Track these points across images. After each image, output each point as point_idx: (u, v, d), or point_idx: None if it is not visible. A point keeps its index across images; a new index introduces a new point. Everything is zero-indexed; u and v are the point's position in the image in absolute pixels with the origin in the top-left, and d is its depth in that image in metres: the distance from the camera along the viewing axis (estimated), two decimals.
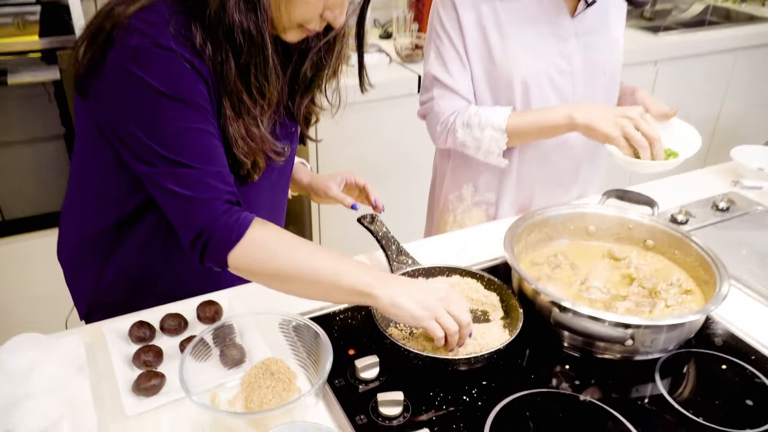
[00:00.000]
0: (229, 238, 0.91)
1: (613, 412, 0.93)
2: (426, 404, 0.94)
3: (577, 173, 1.51)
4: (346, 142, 2.30)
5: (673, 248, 1.22)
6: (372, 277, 0.93)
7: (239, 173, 1.06)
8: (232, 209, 0.93)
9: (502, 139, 1.34)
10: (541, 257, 1.24)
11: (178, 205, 0.93)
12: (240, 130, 1.00)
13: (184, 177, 0.92)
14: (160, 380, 0.93)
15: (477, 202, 1.52)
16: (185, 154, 0.92)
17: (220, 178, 0.94)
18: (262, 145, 1.04)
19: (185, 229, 0.93)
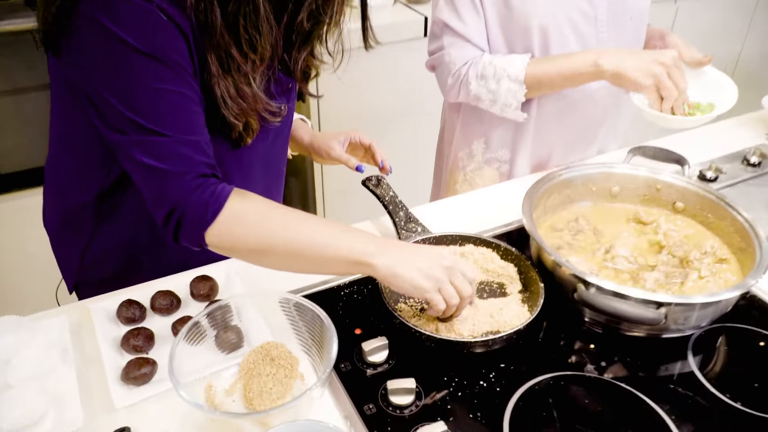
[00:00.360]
0: (203, 214, 0.82)
1: (644, 397, 0.86)
2: (439, 391, 0.86)
3: (598, 128, 1.40)
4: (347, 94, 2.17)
5: (705, 211, 1.12)
6: (370, 244, 0.85)
7: (230, 136, 0.96)
8: (207, 182, 0.84)
9: (520, 90, 1.23)
10: (561, 222, 1.15)
11: (148, 178, 0.83)
12: (229, 88, 0.89)
13: (155, 146, 0.82)
14: (151, 368, 0.86)
15: (488, 160, 1.42)
16: (158, 120, 0.82)
17: (196, 147, 0.84)
18: (255, 105, 0.93)
19: (156, 205, 0.84)
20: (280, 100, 1.00)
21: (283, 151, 1.17)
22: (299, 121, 1.33)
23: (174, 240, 0.86)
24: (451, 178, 1.50)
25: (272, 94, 0.99)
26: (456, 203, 1.30)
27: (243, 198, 0.86)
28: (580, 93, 1.31)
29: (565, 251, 1.06)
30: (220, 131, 0.95)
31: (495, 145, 1.39)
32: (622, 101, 1.38)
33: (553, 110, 1.32)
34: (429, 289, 0.84)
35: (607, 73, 1.16)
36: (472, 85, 1.25)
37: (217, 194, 0.83)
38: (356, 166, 1.24)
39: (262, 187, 1.13)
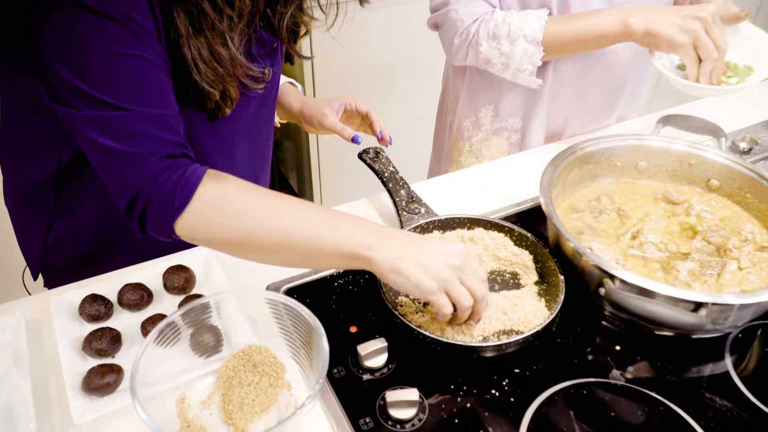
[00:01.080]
0: (171, 202, 0.70)
1: (678, 410, 0.76)
2: (446, 402, 0.76)
3: (619, 93, 1.26)
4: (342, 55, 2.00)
5: (744, 191, 1.00)
6: (368, 235, 0.72)
7: (206, 107, 0.83)
8: (175, 164, 0.71)
9: (537, 53, 1.08)
10: (581, 201, 1.03)
11: (106, 161, 0.71)
12: (201, 50, 0.76)
13: (112, 123, 0.69)
14: (116, 376, 0.75)
15: (498, 130, 1.28)
16: (113, 90, 0.69)
17: (161, 123, 0.72)
18: (233, 70, 0.80)
19: (117, 192, 0.72)
20: (263, 64, 0.87)
21: (269, 122, 1.04)
22: (287, 85, 1.19)
23: (140, 231, 0.74)
24: (454, 149, 1.37)
25: (253, 56, 0.85)
26: (462, 179, 1.18)
27: (218, 181, 0.73)
28: (601, 54, 1.17)
29: (587, 237, 0.94)
30: (194, 101, 0.82)
31: (505, 112, 1.25)
32: (647, 63, 1.24)
33: (570, 74, 1.18)
34: (433, 289, 0.72)
35: (637, 33, 1.02)
36: (482, 47, 1.11)
37: (187, 178, 0.71)
38: (352, 137, 1.10)
39: (245, 163, 1.01)
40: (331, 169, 2.27)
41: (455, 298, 0.74)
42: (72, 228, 0.96)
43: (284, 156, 2.59)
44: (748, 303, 0.76)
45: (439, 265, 0.73)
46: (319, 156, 2.22)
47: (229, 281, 0.89)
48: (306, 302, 0.86)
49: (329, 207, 0.80)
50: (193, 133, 0.88)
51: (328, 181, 2.30)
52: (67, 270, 0.99)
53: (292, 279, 0.92)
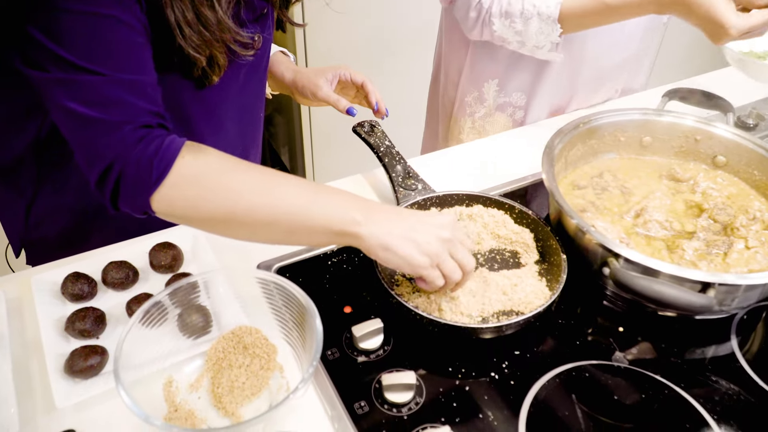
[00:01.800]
0: (147, 175, 0.66)
1: (684, 393, 0.73)
2: (443, 385, 0.73)
3: (625, 65, 1.21)
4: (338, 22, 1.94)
5: (751, 167, 0.96)
6: (356, 211, 0.69)
7: (192, 74, 0.79)
8: (151, 134, 0.67)
9: (553, 31, 1.03)
10: (584, 178, 0.99)
11: (76, 128, 0.67)
12: (186, 13, 0.71)
13: (83, 88, 0.65)
14: (99, 358, 0.72)
15: (501, 105, 1.23)
16: (85, 53, 0.64)
17: (137, 90, 0.67)
18: (221, 34, 0.76)
19: (88, 163, 0.67)
20: (252, 29, 0.82)
21: (260, 92, 1.00)
22: (279, 54, 1.15)
23: (113, 206, 0.70)
24: (454, 126, 1.32)
25: (242, 20, 0.81)
26: (460, 154, 1.14)
27: (198, 153, 0.69)
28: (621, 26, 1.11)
29: (590, 214, 0.91)
30: (179, 68, 0.77)
31: (510, 87, 1.21)
32: (653, 34, 1.20)
33: (583, 47, 1.13)
34: (425, 265, 0.70)
35: (676, 3, 0.92)
36: (495, 25, 1.06)
37: (164, 149, 0.67)
38: (347, 109, 1.06)
39: (235, 136, 0.97)
40: (324, 145, 2.23)
41: (446, 272, 0.72)
42: (54, 203, 0.92)
43: (276, 131, 2.54)
44: (757, 284, 0.74)
45: (430, 239, 0.71)
46: (311, 131, 2.17)
47: (218, 260, 0.86)
48: (298, 281, 0.83)
49: (322, 183, 0.76)
50: (179, 101, 0.84)
51: (321, 156, 2.26)
52: (51, 247, 0.96)
53: (283, 257, 0.88)
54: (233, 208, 0.68)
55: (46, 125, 0.82)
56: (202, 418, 0.68)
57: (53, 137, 0.84)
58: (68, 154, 0.87)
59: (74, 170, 0.89)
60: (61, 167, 0.89)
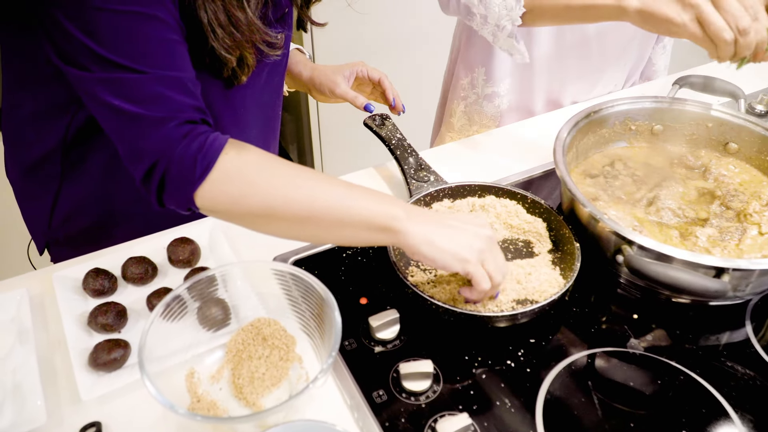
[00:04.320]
0: (191, 171, 0.66)
1: (699, 379, 0.74)
2: (460, 374, 0.74)
3: (625, 52, 1.21)
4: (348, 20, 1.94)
5: (763, 154, 0.96)
6: (396, 207, 0.70)
7: (221, 74, 0.80)
8: (196, 130, 0.68)
9: (516, 7, 0.96)
10: (595, 167, 1.00)
11: (121, 126, 0.68)
12: (218, 14, 0.72)
13: (126, 85, 0.66)
14: (123, 351, 0.73)
15: (488, 95, 1.23)
16: (127, 51, 0.65)
17: (180, 86, 0.68)
18: (251, 35, 0.77)
19: (133, 160, 0.68)
20: (278, 29, 0.83)
21: (279, 90, 1.01)
22: (295, 52, 1.16)
23: (158, 203, 0.71)
24: (448, 109, 1.32)
25: (269, 20, 0.82)
26: (471, 146, 1.14)
27: (240, 150, 0.70)
28: None
29: (602, 203, 0.91)
30: (209, 68, 0.79)
31: (496, 76, 1.20)
32: None
33: (570, 42, 1.13)
34: (473, 261, 0.70)
35: (630, 9, 0.86)
36: None
37: (208, 146, 0.68)
38: (365, 105, 1.07)
39: (257, 132, 0.98)
40: (332, 141, 2.24)
41: (490, 271, 0.72)
42: (78, 200, 0.94)
43: (284, 129, 2.55)
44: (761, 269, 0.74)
45: (477, 232, 0.71)
46: (320, 128, 2.18)
47: (235, 253, 0.87)
48: (314, 274, 0.84)
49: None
50: (207, 101, 0.85)
51: (330, 153, 2.27)
52: (74, 245, 0.97)
53: (299, 251, 0.89)
54: (273, 203, 0.69)
55: (74, 123, 0.83)
56: (224, 408, 0.69)
57: (80, 136, 0.86)
58: (91, 154, 0.88)
59: (97, 167, 0.90)
60: (85, 164, 0.90)
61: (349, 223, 0.69)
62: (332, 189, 0.69)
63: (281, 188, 0.68)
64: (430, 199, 0.93)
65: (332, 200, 0.69)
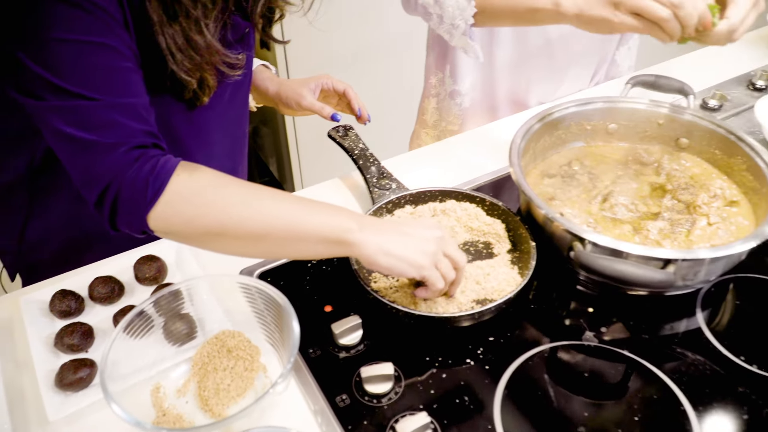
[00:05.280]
0: (143, 193, 0.68)
1: (649, 365, 0.76)
2: (422, 374, 0.76)
3: (588, 53, 1.24)
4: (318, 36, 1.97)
5: (712, 147, 1.00)
6: (348, 220, 0.71)
7: (183, 96, 0.82)
8: (146, 155, 0.70)
9: (468, 8, 0.99)
10: (553, 167, 1.02)
11: (74, 152, 0.69)
12: (176, 38, 0.74)
13: (79, 112, 0.67)
14: (89, 370, 0.75)
15: (452, 93, 1.25)
16: (79, 79, 0.67)
17: (131, 112, 0.70)
18: (210, 57, 0.79)
19: (86, 185, 0.70)
20: (238, 49, 0.85)
21: (244, 108, 1.03)
22: (261, 68, 1.18)
23: (111, 226, 0.72)
24: (422, 105, 1.35)
25: (228, 41, 0.84)
26: (434, 152, 1.17)
27: (192, 172, 0.71)
28: None
29: (558, 202, 0.94)
30: (171, 90, 0.81)
31: (459, 74, 1.22)
32: None
33: (533, 43, 1.16)
34: (428, 264, 0.72)
35: (568, 14, 0.88)
36: None
37: (159, 169, 0.69)
38: (331, 115, 1.10)
39: (223, 152, 1.00)
40: (310, 152, 2.26)
41: (443, 271, 0.74)
42: (48, 226, 0.95)
43: (263, 142, 2.57)
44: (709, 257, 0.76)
45: (427, 237, 0.73)
46: (297, 140, 2.20)
47: (202, 269, 0.89)
48: (280, 285, 0.86)
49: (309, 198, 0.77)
50: (169, 122, 0.87)
51: (308, 164, 2.29)
52: (45, 268, 0.98)
53: (265, 263, 0.91)
54: (226, 222, 0.70)
55: (39, 151, 0.84)
56: (191, 421, 0.71)
57: (46, 164, 0.87)
58: (59, 180, 0.90)
59: (65, 196, 0.92)
60: (53, 193, 0.92)
61: (302, 238, 0.70)
62: (285, 206, 0.71)
63: (234, 207, 0.70)
64: (392, 206, 0.95)
65: (285, 217, 0.70)
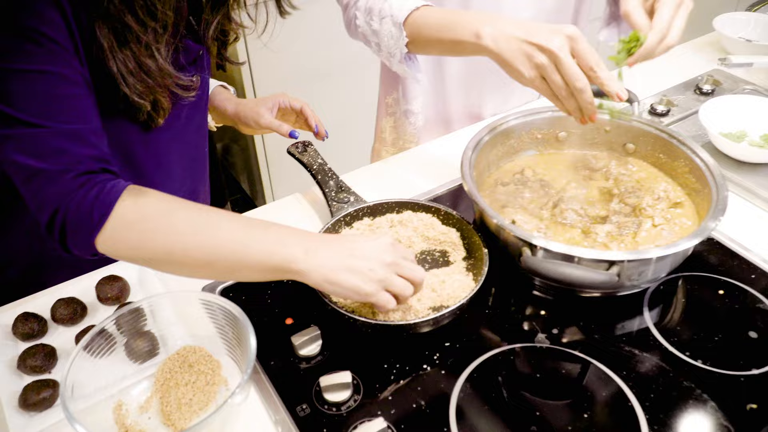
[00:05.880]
0: (89, 218, 0.70)
1: (597, 363, 0.80)
2: (380, 381, 0.79)
3: None
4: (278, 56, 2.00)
5: (657, 151, 1.04)
6: (295, 246, 0.72)
7: (138, 118, 0.84)
8: (92, 180, 0.72)
9: (401, 38, 0.99)
10: (507, 175, 1.06)
11: (25, 179, 0.71)
12: (128, 63, 0.76)
13: (27, 140, 0.69)
14: (51, 390, 0.76)
15: (406, 112, 1.29)
16: (27, 107, 0.69)
17: (79, 138, 0.72)
18: (162, 80, 0.81)
19: (37, 210, 0.72)
20: (191, 71, 0.87)
21: (202, 128, 1.05)
22: (220, 88, 1.20)
23: (63, 249, 0.74)
24: (378, 125, 1.38)
25: (181, 64, 0.86)
26: (392, 165, 1.20)
27: (137, 197, 0.73)
28: None
29: (510, 209, 0.97)
30: (125, 113, 0.83)
31: (410, 95, 1.26)
32: None
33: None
34: (373, 291, 0.73)
35: (487, 50, 0.88)
36: (359, 19, 1.04)
37: (105, 194, 0.71)
38: (289, 132, 1.13)
39: (182, 171, 1.02)
40: (279, 168, 2.28)
41: (397, 292, 0.75)
42: (9, 250, 0.96)
43: (234, 160, 2.59)
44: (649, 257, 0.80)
45: (373, 266, 0.74)
46: (266, 157, 2.22)
47: (164, 286, 0.90)
48: (241, 300, 0.88)
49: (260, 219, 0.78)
50: (126, 144, 0.89)
51: (279, 180, 2.31)
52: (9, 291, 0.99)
53: None
54: (172, 249, 0.72)
55: None
56: None
57: (4, 188, 0.88)
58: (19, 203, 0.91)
59: (26, 220, 0.93)
60: (13, 216, 0.93)
61: (248, 266, 0.72)
62: (231, 233, 0.72)
63: (179, 234, 0.71)
64: (351, 219, 0.97)
65: (230, 244, 0.72)
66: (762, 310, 0.87)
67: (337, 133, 1.48)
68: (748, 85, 1.35)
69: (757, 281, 0.91)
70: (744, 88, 1.34)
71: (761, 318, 0.86)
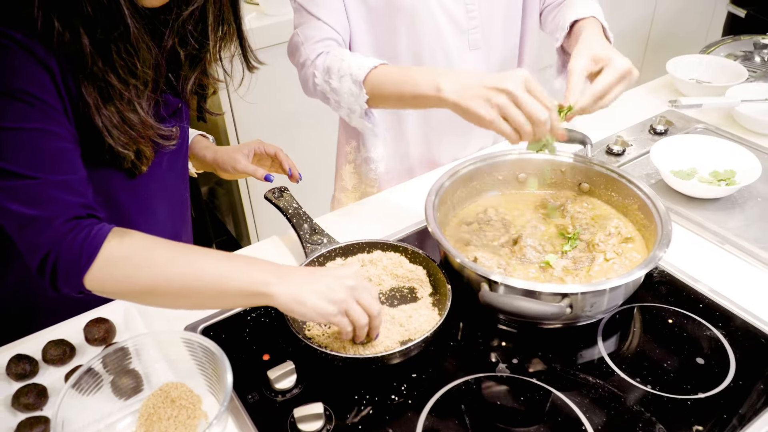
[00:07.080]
0: (78, 259, 0.77)
1: (554, 391, 0.86)
2: (350, 412, 0.84)
3: None
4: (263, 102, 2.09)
5: (609, 190, 1.12)
6: (267, 273, 0.80)
7: (122, 167, 0.91)
8: (80, 225, 0.78)
9: (361, 95, 1.05)
10: (470, 215, 1.13)
11: (18, 226, 0.78)
12: (112, 118, 0.84)
13: (20, 191, 0.76)
14: (43, 426, 0.81)
15: (366, 160, 1.37)
16: (20, 162, 0.76)
17: (67, 188, 0.79)
18: (145, 132, 0.89)
19: (29, 254, 0.78)
20: (172, 123, 0.95)
21: (183, 175, 1.12)
22: (199, 137, 1.28)
23: (53, 289, 0.80)
24: (338, 172, 1.45)
25: (161, 116, 0.94)
26: (364, 208, 1.27)
27: (122, 237, 0.80)
28: None
29: (473, 247, 1.04)
30: (110, 162, 0.90)
31: (369, 144, 1.34)
32: None
33: None
34: (333, 312, 0.81)
35: (448, 101, 0.93)
36: (317, 78, 1.10)
37: (92, 236, 0.78)
38: (264, 176, 1.21)
39: (164, 215, 1.08)
40: (263, 209, 2.35)
41: (353, 317, 0.82)
42: (2, 295, 1.02)
43: (219, 203, 2.65)
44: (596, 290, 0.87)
45: (335, 288, 0.81)
46: (251, 199, 2.29)
47: (148, 327, 0.96)
48: (221, 338, 0.94)
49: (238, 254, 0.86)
50: (110, 191, 0.96)
51: (262, 221, 2.38)
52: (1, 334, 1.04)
53: (207, 318, 0.99)
54: (155, 281, 0.79)
55: None
56: None
57: None
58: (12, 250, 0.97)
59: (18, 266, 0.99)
60: (6, 263, 0.99)
61: (226, 292, 0.80)
62: (209, 264, 0.80)
63: (161, 268, 0.79)
64: (324, 260, 1.04)
65: (209, 274, 0.79)
66: (709, 337, 0.94)
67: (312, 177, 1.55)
68: (699, 124, 1.44)
69: (704, 310, 0.98)
70: (696, 127, 1.43)
71: (708, 345, 0.92)
